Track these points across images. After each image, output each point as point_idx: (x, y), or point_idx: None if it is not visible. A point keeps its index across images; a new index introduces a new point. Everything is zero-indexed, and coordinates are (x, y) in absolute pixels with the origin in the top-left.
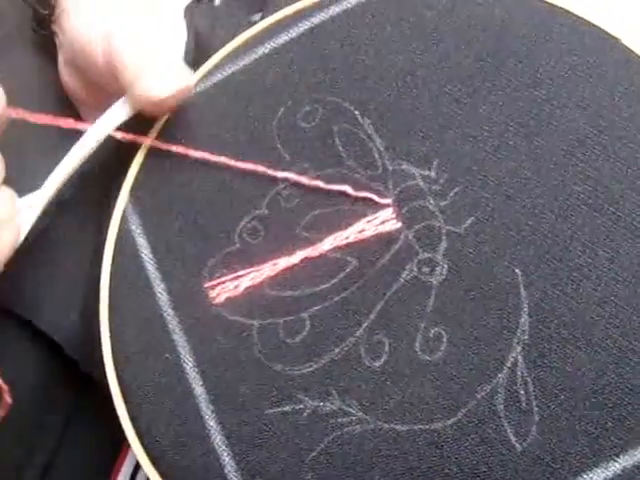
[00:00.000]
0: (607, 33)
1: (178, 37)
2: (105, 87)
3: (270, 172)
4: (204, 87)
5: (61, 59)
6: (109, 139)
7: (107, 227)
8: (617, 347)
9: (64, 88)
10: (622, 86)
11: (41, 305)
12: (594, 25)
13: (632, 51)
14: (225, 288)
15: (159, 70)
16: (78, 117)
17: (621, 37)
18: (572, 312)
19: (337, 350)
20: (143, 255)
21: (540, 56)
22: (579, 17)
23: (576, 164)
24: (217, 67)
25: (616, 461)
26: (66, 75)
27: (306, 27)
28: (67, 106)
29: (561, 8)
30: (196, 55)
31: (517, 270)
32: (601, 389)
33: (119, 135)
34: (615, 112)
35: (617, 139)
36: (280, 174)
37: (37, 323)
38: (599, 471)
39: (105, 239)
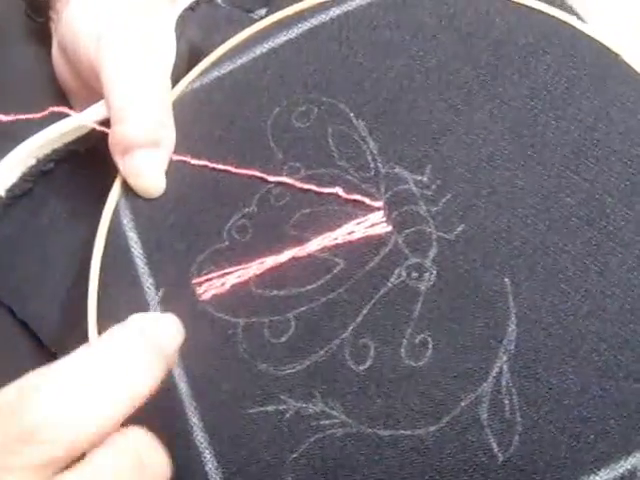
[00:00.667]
0: (607, 48)
1: (166, 54)
2: (89, 81)
3: (263, 176)
4: (201, 84)
5: (55, 45)
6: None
7: (99, 221)
8: (603, 361)
9: (56, 75)
10: (619, 101)
11: (26, 293)
12: (594, 39)
13: (631, 67)
14: (212, 285)
15: (139, 122)
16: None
17: (621, 53)
18: (560, 324)
19: (322, 352)
20: (133, 250)
21: (538, 67)
22: (580, 30)
23: (569, 176)
24: (215, 64)
25: (597, 475)
26: (58, 62)
27: (305, 28)
28: (63, 94)
29: (562, 20)
30: (190, 65)
31: (506, 279)
32: (585, 402)
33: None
34: (611, 126)
35: (611, 153)
36: (273, 178)
37: (18, 312)
38: None
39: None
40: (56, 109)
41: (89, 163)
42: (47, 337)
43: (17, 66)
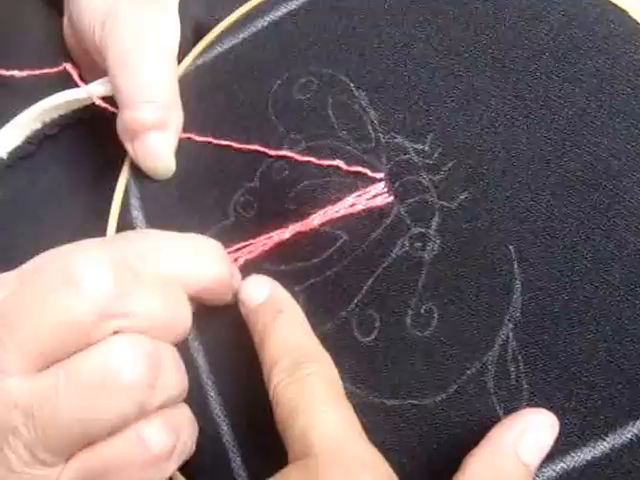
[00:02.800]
0: (613, 4)
1: (171, 35)
2: (94, 57)
3: (265, 150)
4: (204, 61)
5: (66, 20)
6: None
7: (108, 196)
8: (609, 326)
9: (67, 48)
10: (624, 59)
11: (16, 258)
12: None
13: (639, 24)
14: None
15: (148, 106)
16: None
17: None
18: (565, 290)
19: (329, 325)
20: (139, 229)
21: (540, 29)
22: None
23: (574, 139)
24: (217, 41)
25: (605, 440)
26: (68, 33)
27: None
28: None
29: None
30: (194, 44)
31: (510, 246)
32: (591, 368)
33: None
34: (616, 86)
35: (617, 114)
36: (274, 152)
37: None
38: (587, 450)
39: (103, 208)
40: (69, 66)
41: (93, 133)
42: None
43: (32, 24)
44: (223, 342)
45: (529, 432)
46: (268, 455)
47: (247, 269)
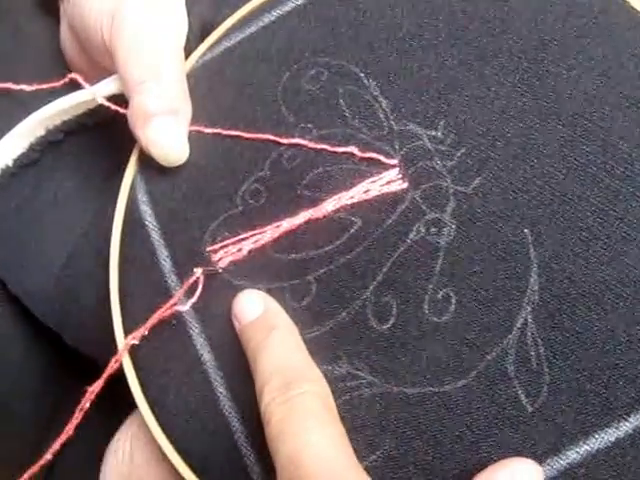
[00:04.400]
0: None
1: (179, 27)
2: (98, 59)
3: (276, 139)
4: (212, 56)
5: (64, 26)
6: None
7: (114, 199)
8: (627, 306)
9: (64, 54)
10: (630, 46)
11: (19, 266)
12: None
13: (639, 12)
14: (228, 252)
15: (158, 91)
16: None
17: None
18: (582, 272)
19: (344, 313)
20: (147, 223)
21: (547, 18)
22: None
23: (584, 124)
24: (224, 36)
25: (627, 420)
26: (66, 42)
27: None
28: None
29: None
30: (202, 41)
31: (526, 230)
32: (612, 349)
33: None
34: (623, 71)
35: (625, 98)
36: (285, 140)
37: (12, 285)
38: (610, 431)
39: (110, 207)
40: (75, 75)
41: (97, 138)
42: (40, 311)
43: (29, 34)
44: (230, 337)
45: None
46: None
47: (255, 259)
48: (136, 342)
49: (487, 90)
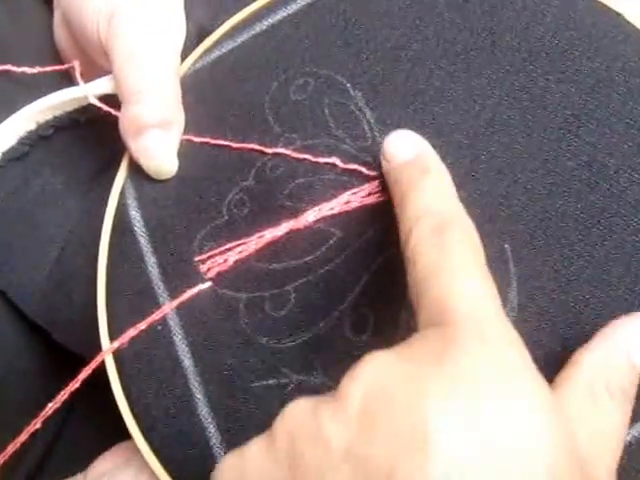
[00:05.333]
0: (607, 7)
1: (177, 34)
2: (94, 57)
3: (261, 148)
4: (203, 64)
5: (57, 16)
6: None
7: (103, 197)
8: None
9: (57, 46)
10: (620, 61)
11: (5, 261)
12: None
13: (632, 26)
14: (215, 262)
15: (153, 103)
16: None
17: (623, 12)
18: (562, 290)
19: (321, 324)
20: (136, 229)
21: (536, 30)
22: None
23: (570, 139)
24: (216, 45)
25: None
26: (60, 34)
27: (304, 3)
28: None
29: None
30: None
31: (506, 245)
32: None
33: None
34: (612, 87)
35: (613, 114)
36: (270, 150)
37: None
38: None
39: (99, 209)
40: (77, 63)
41: (87, 135)
42: (29, 308)
43: (32, 18)
44: (211, 345)
45: None
46: None
47: (239, 269)
48: (116, 346)
49: (473, 102)
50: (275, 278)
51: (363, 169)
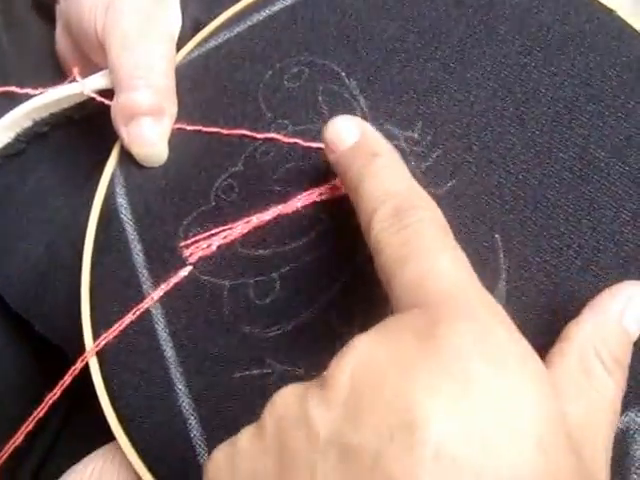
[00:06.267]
0: (601, 3)
1: (172, 24)
2: (91, 55)
3: (252, 134)
4: (198, 53)
5: (59, 26)
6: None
7: (93, 188)
8: None
9: (58, 55)
10: (613, 56)
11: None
12: None
13: (625, 22)
14: (199, 247)
15: (146, 90)
16: None
17: (616, 9)
18: (551, 280)
19: (307, 313)
20: (123, 216)
21: (532, 24)
22: None
23: (562, 131)
24: (212, 34)
25: None
26: (61, 42)
27: None
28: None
29: None
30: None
31: (497, 235)
32: None
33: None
34: (605, 81)
35: (605, 107)
36: (261, 135)
37: None
38: None
39: (91, 202)
40: (76, 70)
41: (83, 132)
42: (15, 301)
43: (32, 31)
44: (194, 334)
45: (634, 301)
46: None
47: (222, 254)
48: (101, 346)
49: (467, 94)
50: (260, 265)
51: None
